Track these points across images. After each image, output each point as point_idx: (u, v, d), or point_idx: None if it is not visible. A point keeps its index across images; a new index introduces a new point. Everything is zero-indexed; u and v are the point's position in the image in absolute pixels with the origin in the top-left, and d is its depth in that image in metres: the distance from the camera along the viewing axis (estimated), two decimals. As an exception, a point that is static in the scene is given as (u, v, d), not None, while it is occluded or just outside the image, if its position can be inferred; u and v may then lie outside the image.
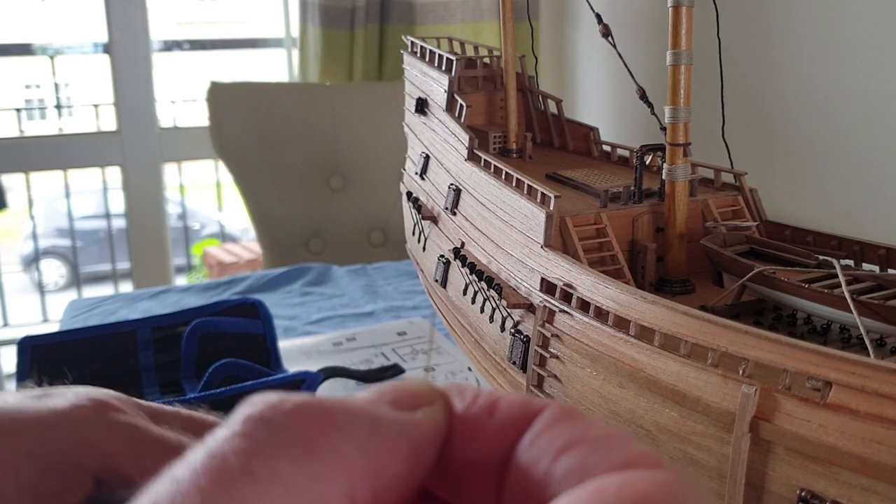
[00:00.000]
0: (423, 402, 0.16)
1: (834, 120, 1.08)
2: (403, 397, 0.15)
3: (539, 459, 0.14)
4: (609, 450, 0.14)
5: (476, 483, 0.15)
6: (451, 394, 0.16)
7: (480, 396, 0.16)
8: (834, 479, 0.37)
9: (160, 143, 2.05)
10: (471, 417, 0.16)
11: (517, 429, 0.15)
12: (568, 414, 0.15)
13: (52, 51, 3.14)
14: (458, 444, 0.15)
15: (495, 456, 0.15)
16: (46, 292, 3.19)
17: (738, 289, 0.55)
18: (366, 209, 1.79)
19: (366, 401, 0.15)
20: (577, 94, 1.73)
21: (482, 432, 0.15)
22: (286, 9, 2.17)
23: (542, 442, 0.15)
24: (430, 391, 0.16)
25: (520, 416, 0.15)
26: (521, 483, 0.15)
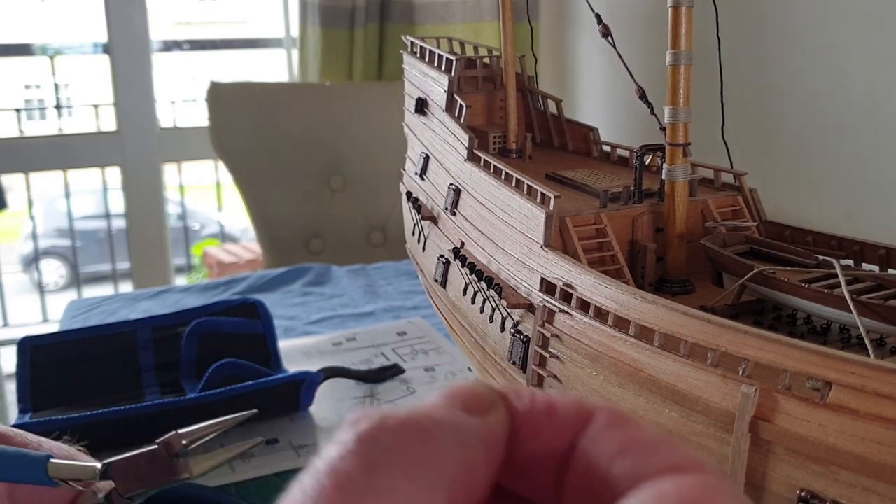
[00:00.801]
0: (489, 404, 0.17)
1: (834, 120, 1.08)
2: (473, 402, 0.17)
3: (597, 461, 0.16)
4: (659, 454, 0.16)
5: (538, 476, 0.17)
6: (509, 394, 0.18)
7: (538, 397, 0.18)
8: (834, 479, 0.37)
9: (160, 143, 2.05)
10: (532, 417, 0.17)
11: (574, 428, 0.17)
12: (619, 418, 0.17)
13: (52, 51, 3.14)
14: (521, 441, 0.17)
15: (555, 453, 0.17)
16: (46, 292, 3.19)
17: (738, 289, 0.55)
18: (366, 209, 1.79)
19: (445, 409, 0.17)
20: (576, 94, 1.73)
21: (543, 431, 0.17)
22: (286, 9, 2.17)
23: (599, 444, 0.16)
24: (492, 393, 0.18)
25: (576, 416, 0.17)
26: (581, 480, 0.16)
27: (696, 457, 0.16)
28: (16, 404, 0.78)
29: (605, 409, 0.17)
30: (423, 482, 0.15)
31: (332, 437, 0.16)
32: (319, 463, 0.15)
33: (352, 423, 0.16)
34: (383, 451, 0.15)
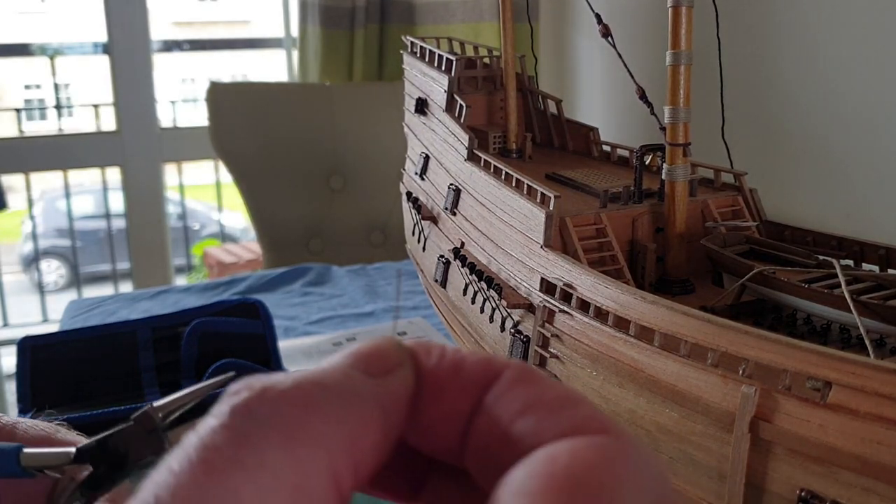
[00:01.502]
0: (393, 363, 0.17)
1: (834, 120, 1.08)
2: (375, 362, 0.16)
3: (499, 420, 0.16)
4: (560, 414, 0.15)
5: (443, 434, 0.17)
6: (419, 352, 0.17)
7: (447, 354, 0.17)
8: (834, 479, 0.37)
9: (160, 143, 2.05)
10: (439, 374, 0.17)
11: (481, 386, 0.16)
12: (526, 376, 0.16)
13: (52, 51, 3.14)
14: (427, 398, 0.17)
15: (461, 411, 0.16)
16: (46, 292, 3.19)
17: (738, 289, 0.55)
18: (366, 209, 1.79)
19: (340, 373, 0.16)
20: (576, 95, 1.73)
21: (449, 389, 0.17)
22: (286, 9, 2.17)
23: (502, 403, 0.16)
24: (399, 351, 0.17)
25: (483, 374, 0.17)
26: (483, 439, 0.16)
27: (601, 417, 0.15)
28: (16, 404, 0.78)
29: (513, 366, 0.17)
30: (301, 452, 0.14)
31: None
32: (192, 437, 0.15)
33: (231, 394, 0.15)
34: (257, 423, 0.14)
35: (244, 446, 0.14)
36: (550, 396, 0.16)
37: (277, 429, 0.14)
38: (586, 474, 0.14)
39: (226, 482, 0.14)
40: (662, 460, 0.45)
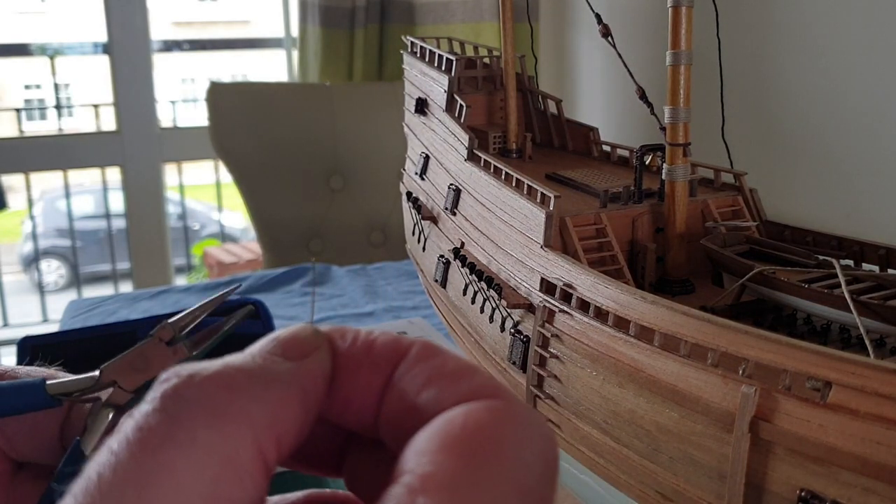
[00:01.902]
0: (310, 348, 0.18)
1: (833, 120, 1.08)
2: (293, 347, 0.18)
3: (406, 392, 0.18)
4: (458, 384, 0.17)
5: (358, 409, 0.19)
6: (333, 336, 0.19)
7: (359, 337, 0.19)
8: (834, 479, 0.37)
9: (160, 143, 2.05)
10: (352, 355, 0.19)
11: (391, 364, 0.18)
12: (429, 351, 0.18)
13: (52, 51, 3.15)
14: (342, 377, 0.19)
15: (373, 387, 0.18)
16: (46, 292, 3.19)
17: (738, 289, 0.55)
18: (366, 209, 1.79)
19: (261, 357, 0.18)
20: (576, 94, 1.73)
21: (362, 368, 0.19)
22: (286, 9, 2.17)
23: (408, 377, 0.18)
24: (315, 337, 0.19)
25: (392, 353, 0.19)
26: (394, 411, 0.18)
27: (494, 384, 0.17)
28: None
29: (417, 343, 0.19)
30: (228, 429, 0.16)
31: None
32: (127, 421, 0.16)
33: (161, 381, 0.17)
34: (186, 404, 0.16)
35: (176, 425, 0.16)
36: (450, 368, 0.18)
37: (205, 409, 0.16)
38: (478, 432, 0.16)
39: (161, 457, 0.15)
40: (663, 459, 0.45)
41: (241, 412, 0.16)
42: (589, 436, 0.51)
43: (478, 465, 0.15)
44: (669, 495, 0.45)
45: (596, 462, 0.50)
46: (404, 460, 0.16)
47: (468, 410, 0.16)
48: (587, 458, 0.51)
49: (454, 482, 0.15)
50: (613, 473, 0.49)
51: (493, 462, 0.15)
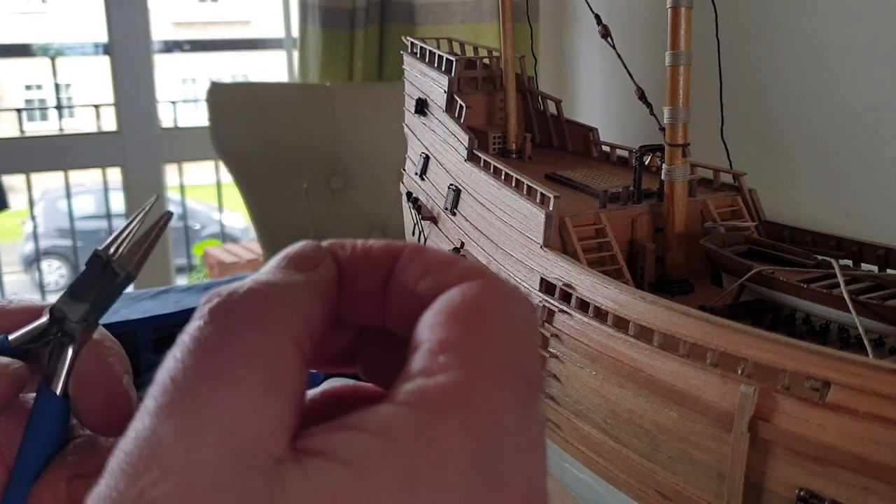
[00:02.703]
0: (317, 260, 0.22)
1: (833, 120, 1.08)
2: (303, 260, 0.21)
3: (407, 284, 0.21)
4: (449, 271, 0.21)
5: (366, 306, 0.22)
6: (334, 247, 0.22)
7: (357, 245, 0.22)
8: (833, 478, 0.37)
9: (161, 143, 2.05)
10: (353, 261, 0.22)
11: (388, 263, 0.22)
12: (419, 249, 0.22)
13: (53, 51, 3.15)
14: (347, 281, 0.22)
15: (376, 284, 0.22)
16: (47, 292, 3.18)
17: (737, 289, 0.55)
18: (366, 209, 1.79)
19: (280, 272, 0.21)
20: (576, 95, 1.73)
21: (363, 270, 0.22)
22: (286, 10, 2.17)
23: (406, 272, 0.21)
24: (319, 250, 0.22)
25: (387, 254, 0.22)
26: (397, 301, 0.21)
27: (479, 266, 0.21)
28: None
29: (408, 245, 0.22)
30: (271, 331, 0.19)
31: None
32: (184, 336, 0.19)
33: (205, 301, 0.20)
34: (232, 315, 0.19)
35: (228, 332, 0.19)
36: (440, 259, 0.21)
37: (249, 317, 0.19)
38: (474, 303, 0.19)
39: (223, 356, 0.18)
40: (662, 458, 0.45)
41: (278, 316, 0.19)
42: (588, 435, 0.51)
43: (479, 327, 0.19)
44: (669, 494, 0.45)
45: (595, 461, 0.51)
46: (418, 334, 0.19)
47: (463, 289, 0.20)
48: (587, 458, 0.51)
49: (464, 341, 0.19)
50: (613, 473, 0.49)
51: (491, 323, 0.19)
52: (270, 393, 0.18)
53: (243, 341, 0.18)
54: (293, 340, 0.19)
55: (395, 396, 0.18)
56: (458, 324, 0.19)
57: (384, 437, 0.17)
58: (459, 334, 0.19)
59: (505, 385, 0.18)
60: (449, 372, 0.18)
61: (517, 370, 0.19)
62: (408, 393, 0.18)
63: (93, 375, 0.25)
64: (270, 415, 0.18)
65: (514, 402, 0.18)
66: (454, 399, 0.18)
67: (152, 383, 0.18)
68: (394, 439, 0.17)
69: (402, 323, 0.21)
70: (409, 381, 0.18)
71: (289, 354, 0.19)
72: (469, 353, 0.18)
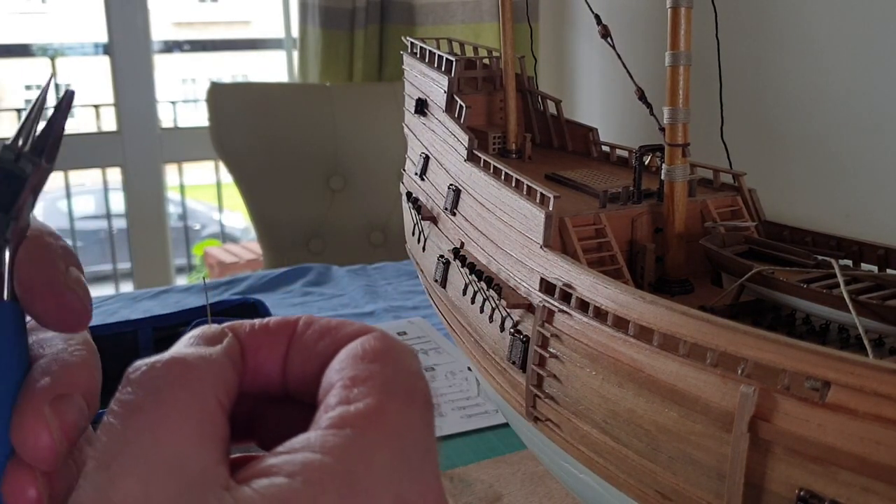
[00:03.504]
0: (221, 336, 0.25)
1: (833, 120, 1.08)
2: (210, 337, 0.25)
3: (305, 347, 0.25)
4: (342, 329, 0.25)
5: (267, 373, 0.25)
6: (234, 327, 0.26)
7: (255, 323, 0.26)
8: (833, 478, 0.37)
9: (161, 143, 2.05)
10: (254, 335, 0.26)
11: (286, 334, 0.26)
12: (311, 318, 0.26)
13: (53, 52, 3.15)
14: (250, 353, 0.25)
15: (277, 353, 0.25)
16: (47, 293, 3.17)
17: (737, 289, 0.55)
18: (366, 209, 1.79)
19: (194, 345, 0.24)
20: (576, 95, 1.73)
21: (264, 341, 0.25)
22: (286, 10, 2.17)
23: (305, 337, 0.25)
24: (222, 330, 0.25)
25: (284, 327, 0.26)
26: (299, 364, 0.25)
27: (366, 326, 0.25)
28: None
29: (302, 316, 0.26)
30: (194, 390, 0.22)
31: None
32: (115, 405, 0.22)
33: (130, 372, 0.22)
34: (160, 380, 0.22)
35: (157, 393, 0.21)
36: (333, 324, 0.25)
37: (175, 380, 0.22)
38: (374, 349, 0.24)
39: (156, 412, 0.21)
40: (662, 458, 0.45)
41: (199, 377, 0.22)
42: (588, 435, 0.51)
43: (382, 364, 0.23)
44: (668, 494, 0.45)
45: (595, 461, 0.51)
46: (327, 379, 0.23)
47: (361, 340, 0.24)
48: (586, 458, 0.51)
49: (371, 375, 0.23)
50: (613, 473, 0.49)
51: (390, 360, 0.23)
52: (205, 436, 0.21)
53: (174, 398, 0.21)
54: (214, 397, 0.22)
55: (318, 425, 0.21)
56: (363, 363, 0.23)
57: (320, 452, 0.20)
58: (367, 371, 0.23)
59: (412, 404, 0.22)
60: (365, 399, 0.22)
61: (418, 393, 0.23)
62: (331, 419, 0.21)
63: (34, 275, 0.25)
64: (208, 453, 0.21)
65: (420, 414, 0.23)
66: (374, 418, 0.21)
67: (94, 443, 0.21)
68: (328, 452, 0.20)
69: (303, 383, 0.25)
70: (330, 411, 0.22)
71: (213, 407, 0.22)
72: (378, 384, 0.22)
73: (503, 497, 0.68)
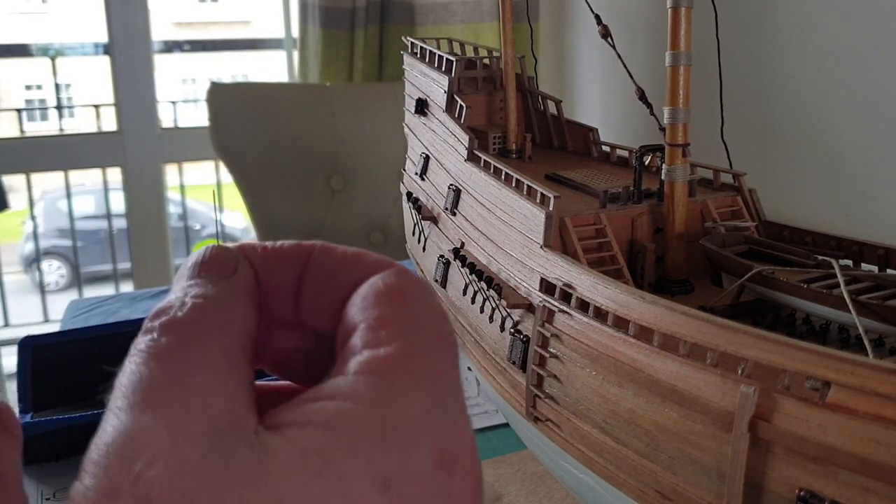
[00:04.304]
0: (234, 262, 0.23)
1: (833, 120, 1.08)
2: (222, 266, 0.23)
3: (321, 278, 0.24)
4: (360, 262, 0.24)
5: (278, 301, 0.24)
6: (245, 249, 0.24)
7: (268, 247, 0.24)
8: (833, 478, 0.37)
9: (161, 143, 2.05)
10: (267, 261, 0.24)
11: (300, 261, 0.24)
12: (328, 246, 0.24)
13: (53, 51, 3.15)
14: (262, 279, 0.24)
15: (289, 281, 0.24)
16: (47, 292, 3.19)
17: (737, 289, 0.55)
18: (366, 209, 1.79)
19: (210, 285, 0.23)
20: (576, 95, 1.73)
21: (277, 268, 0.24)
22: (286, 10, 2.17)
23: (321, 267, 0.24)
24: (233, 253, 0.24)
25: (299, 252, 0.24)
26: (312, 294, 0.24)
27: (387, 259, 0.24)
28: (16, 404, 0.78)
29: (317, 243, 0.24)
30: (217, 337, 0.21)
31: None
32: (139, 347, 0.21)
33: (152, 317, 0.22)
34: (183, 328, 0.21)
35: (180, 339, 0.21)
36: (350, 254, 0.24)
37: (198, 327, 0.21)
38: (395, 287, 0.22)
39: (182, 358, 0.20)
40: (662, 458, 0.45)
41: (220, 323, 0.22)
42: (588, 435, 0.51)
43: (407, 305, 0.22)
44: (669, 494, 0.45)
45: (595, 461, 0.51)
46: (350, 317, 0.22)
47: (382, 277, 0.23)
48: (586, 458, 0.51)
49: (397, 317, 0.22)
50: (613, 473, 0.49)
51: (415, 301, 0.22)
52: (231, 381, 0.20)
53: (197, 346, 0.21)
54: (237, 341, 0.22)
55: (345, 370, 0.21)
56: (388, 304, 0.22)
57: (352, 400, 0.20)
58: (392, 312, 0.22)
59: (441, 346, 0.22)
60: (392, 343, 0.21)
61: (445, 335, 0.22)
62: (359, 364, 0.21)
63: None
64: (236, 398, 0.20)
65: (449, 357, 0.22)
66: (403, 364, 0.21)
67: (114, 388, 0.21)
68: (361, 401, 0.20)
69: (318, 314, 0.24)
70: (357, 355, 0.21)
71: (237, 351, 0.21)
72: (405, 326, 0.21)
73: (503, 497, 0.68)
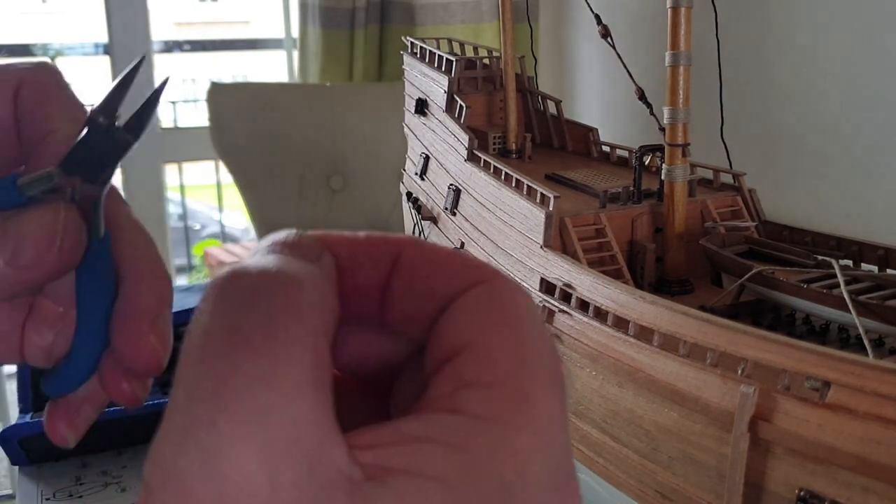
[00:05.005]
0: (318, 249, 0.20)
1: (833, 120, 1.08)
2: (308, 253, 0.20)
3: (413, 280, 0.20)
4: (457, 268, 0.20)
5: (362, 299, 0.21)
6: (328, 239, 0.21)
7: (355, 238, 0.21)
8: (832, 478, 0.37)
9: (161, 143, 2.05)
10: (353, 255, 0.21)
11: (389, 258, 0.21)
12: (419, 243, 0.21)
13: (53, 52, 3.15)
14: (345, 274, 0.21)
15: (376, 279, 0.21)
16: (47, 293, 3.17)
17: (737, 289, 0.55)
18: (366, 209, 1.79)
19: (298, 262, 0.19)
20: (576, 95, 1.73)
21: (363, 264, 0.21)
22: (286, 10, 2.17)
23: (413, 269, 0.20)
24: (314, 241, 0.21)
25: (388, 249, 0.21)
26: (402, 297, 0.20)
27: (487, 266, 0.20)
28: (16, 404, 0.78)
29: (407, 238, 0.21)
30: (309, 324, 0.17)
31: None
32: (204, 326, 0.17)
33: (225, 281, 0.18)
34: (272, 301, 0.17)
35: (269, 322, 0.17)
36: (444, 256, 0.20)
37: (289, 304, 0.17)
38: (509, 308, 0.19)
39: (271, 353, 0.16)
40: (662, 458, 0.46)
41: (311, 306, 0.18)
42: (588, 435, 0.51)
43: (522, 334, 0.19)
44: (668, 494, 0.45)
45: (595, 461, 0.51)
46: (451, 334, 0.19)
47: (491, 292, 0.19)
48: (587, 458, 0.51)
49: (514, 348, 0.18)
50: (613, 472, 0.49)
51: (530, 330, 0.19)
52: (319, 393, 0.16)
53: (288, 335, 0.16)
54: (325, 334, 0.18)
55: (452, 404, 0.17)
56: (499, 329, 0.19)
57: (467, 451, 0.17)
58: (505, 341, 0.18)
59: (555, 392, 0.18)
60: (508, 382, 0.18)
61: (560, 375, 0.19)
62: (474, 402, 0.17)
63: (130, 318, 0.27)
64: (324, 420, 0.16)
65: (564, 405, 0.19)
66: (525, 411, 0.17)
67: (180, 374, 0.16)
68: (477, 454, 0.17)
69: (406, 318, 0.20)
70: (466, 389, 0.18)
71: (324, 348, 0.17)
72: (522, 361, 0.18)
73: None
